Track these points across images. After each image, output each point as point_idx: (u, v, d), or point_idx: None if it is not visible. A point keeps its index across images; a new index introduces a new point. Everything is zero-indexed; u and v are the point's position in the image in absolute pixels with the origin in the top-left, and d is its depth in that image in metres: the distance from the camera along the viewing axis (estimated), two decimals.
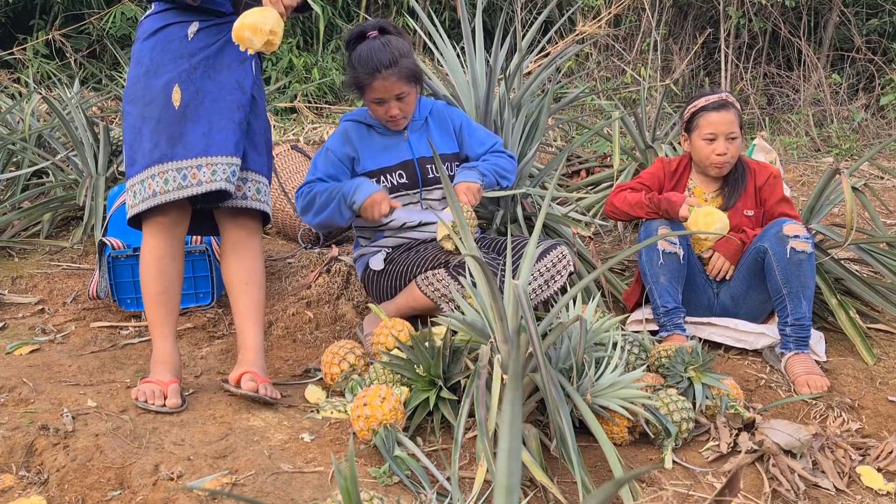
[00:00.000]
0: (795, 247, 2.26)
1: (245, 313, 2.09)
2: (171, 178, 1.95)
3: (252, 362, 2.04)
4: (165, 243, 2.05)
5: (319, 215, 2.37)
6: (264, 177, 2.12)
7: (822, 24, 7.21)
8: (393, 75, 2.27)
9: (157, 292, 2.05)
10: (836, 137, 6.11)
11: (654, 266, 2.38)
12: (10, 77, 6.25)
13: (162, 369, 2.01)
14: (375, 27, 2.33)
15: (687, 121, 2.55)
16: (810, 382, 2.20)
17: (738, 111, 2.50)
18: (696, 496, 1.69)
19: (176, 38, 1.98)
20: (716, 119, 2.46)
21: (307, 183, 2.41)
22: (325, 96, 6.58)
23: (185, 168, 1.95)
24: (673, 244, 2.36)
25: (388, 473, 1.64)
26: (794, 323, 2.31)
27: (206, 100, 1.97)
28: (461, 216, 1.78)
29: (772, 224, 2.37)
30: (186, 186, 1.95)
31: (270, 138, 2.18)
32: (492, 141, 2.55)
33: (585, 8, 6.81)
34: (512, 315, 1.68)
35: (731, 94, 2.54)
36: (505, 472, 0.67)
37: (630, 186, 2.57)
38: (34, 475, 1.65)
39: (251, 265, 2.11)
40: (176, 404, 1.93)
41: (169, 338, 2.06)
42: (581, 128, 5.26)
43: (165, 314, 2.06)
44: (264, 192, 2.12)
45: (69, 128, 3.63)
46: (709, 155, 2.47)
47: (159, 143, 1.95)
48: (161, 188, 1.95)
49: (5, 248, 3.27)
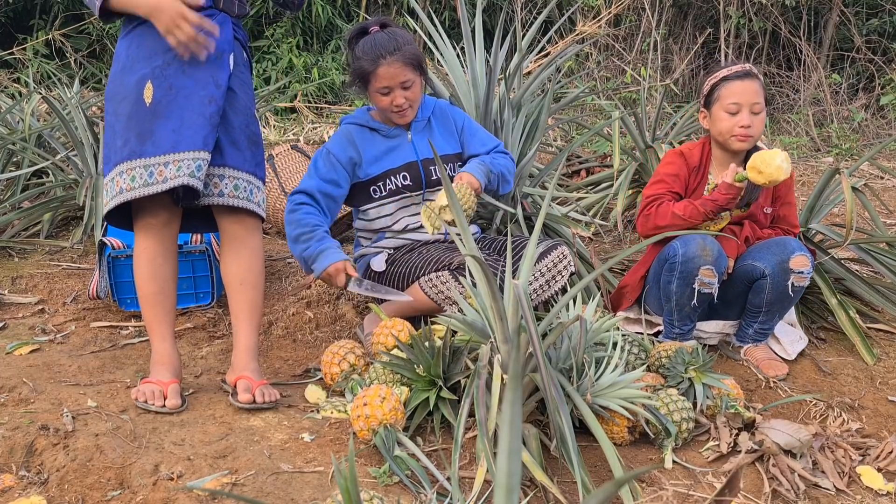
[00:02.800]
0: (795, 282, 2.23)
1: (238, 314, 2.07)
2: (137, 175, 1.93)
3: (244, 365, 2.03)
4: (157, 244, 2.04)
5: (292, 244, 2.31)
6: (246, 173, 2.03)
7: (822, 23, 7.21)
8: (397, 61, 2.26)
9: (153, 293, 2.04)
10: (836, 137, 6.11)
11: (684, 298, 2.26)
12: (10, 77, 6.25)
13: (161, 370, 2.00)
14: (377, 23, 2.34)
15: (707, 94, 2.36)
16: (772, 367, 2.31)
17: (761, 83, 2.32)
18: (696, 496, 1.69)
19: (151, 34, 1.94)
20: (739, 89, 2.28)
21: (301, 192, 2.35)
22: (325, 96, 6.58)
23: (152, 165, 1.92)
24: (711, 285, 2.21)
25: (388, 473, 1.64)
26: (760, 329, 2.37)
27: (179, 96, 1.93)
28: (453, 196, 1.77)
29: (779, 245, 2.26)
30: (152, 184, 1.92)
31: (256, 133, 2.08)
32: (493, 143, 2.53)
33: (585, 8, 6.81)
34: (512, 315, 1.68)
35: (753, 66, 2.38)
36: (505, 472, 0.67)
37: (659, 198, 2.35)
38: (34, 475, 1.65)
39: (247, 264, 2.06)
40: (176, 405, 1.93)
41: (167, 338, 2.05)
42: (581, 128, 5.26)
43: (163, 315, 2.05)
44: (246, 188, 2.02)
45: (69, 128, 3.63)
46: (731, 128, 2.28)
47: (129, 140, 1.94)
48: (128, 185, 1.93)
49: (5, 248, 3.27)
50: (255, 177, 2.06)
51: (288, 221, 2.32)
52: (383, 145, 2.43)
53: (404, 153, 2.43)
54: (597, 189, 3.75)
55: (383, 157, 2.42)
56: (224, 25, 2.01)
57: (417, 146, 2.44)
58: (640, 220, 2.38)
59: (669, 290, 2.28)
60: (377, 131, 2.43)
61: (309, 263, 2.26)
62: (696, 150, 2.42)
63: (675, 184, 2.38)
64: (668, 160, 2.43)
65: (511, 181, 2.52)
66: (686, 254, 2.21)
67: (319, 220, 2.31)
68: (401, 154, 2.43)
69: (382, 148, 2.42)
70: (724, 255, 2.26)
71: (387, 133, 2.43)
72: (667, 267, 2.27)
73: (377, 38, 2.28)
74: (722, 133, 2.32)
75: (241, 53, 2.08)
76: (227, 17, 2.03)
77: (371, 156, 2.41)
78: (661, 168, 2.44)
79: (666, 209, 2.31)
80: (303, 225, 2.29)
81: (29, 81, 5.47)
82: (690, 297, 2.24)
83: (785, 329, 2.45)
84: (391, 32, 2.30)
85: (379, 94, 2.33)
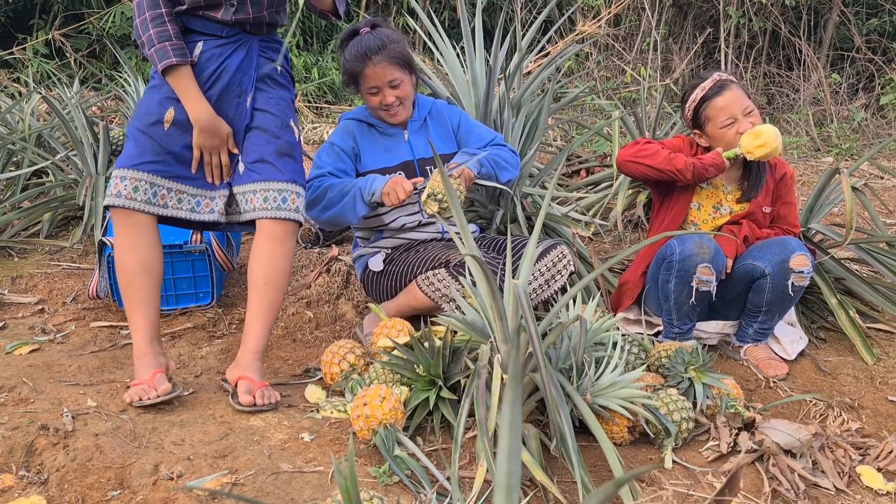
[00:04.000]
0: (796, 282, 2.23)
1: (255, 312, 2.06)
2: (141, 188, 2.01)
3: (247, 366, 2.03)
4: (125, 235, 2.04)
5: (328, 210, 2.30)
6: (278, 182, 2.06)
7: (821, 23, 7.21)
8: (383, 60, 2.27)
9: (123, 285, 2.05)
10: (836, 137, 6.11)
11: (682, 297, 2.26)
12: (10, 77, 6.25)
13: (141, 366, 2.01)
14: (367, 24, 2.35)
15: (692, 118, 2.39)
16: (772, 366, 2.30)
17: (738, 84, 2.34)
18: (696, 496, 1.69)
19: None
20: (724, 102, 2.30)
21: (317, 177, 2.35)
22: (325, 96, 6.58)
23: (157, 185, 2.03)
24: (709, 283, 2.22)
25: (388, 473, 1.64)
26: (760, 329, 2.37)
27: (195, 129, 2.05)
28: (453, 194, 1.77)
29: (779, 245, 2.27)
30: (154, 204, 2.03)
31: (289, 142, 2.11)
32: (491, 136, 2.53)
33: (585, 8, 6.81)
34: (512, 315, 1.68)
35: (722, 73, 2.37)
36: (505, 472, 0.67)
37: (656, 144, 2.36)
38: (34, 475, 1.65)
39: (277, 265, 2.06)
40: (167, 389, 1.92)
41: (140, 331, 2.03)
42: (581, 128, 5.26)
43: (132, 307, 2.04)
44: (276, 198, 2.05)
45: (69, 127, 3.63)
46: (734, 138, 2.30)
47: (144, 151, 2.02)
48: (128, 194, 2.00)
49: (5, 247, 3.27)
50: (290, 183, 2.08)
51: (316, 197, 2.31)
52: (380, 143, 2.43)
53: (401, 152, 2.43)
54: (597, 189, 3.74)
55: (380, 155, 2.42)
56: (250, 54, 2.09)
57: (414, 145, 2.45)
58: (625, 148, 2.38)
59: (668, 289, 2.28)
60: (375, 127, 2.44)
61: (366, 192, 2.25)
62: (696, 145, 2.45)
63: (672, 150, 2.38)
64: (675, 139, 2.46)
65: (512, 170, 2.48)
66: (683, 252, 2.22)
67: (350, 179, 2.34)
68: (397, 153, 2.43)
69: (380, 146, 2.43)
70: (722, 253, 2.26)
71: (384, 130, 2.44)
72: (664, 266, 2.27)
73: (364, 39, 2.30)
74: (729, 145, 2.33)
75: (270, 68, 2.13)
76: (254, 43, 2.10)
77: (368, 151, 2.42)
78: (666, 140, 2.46)
79: (654, 146, 2.33)
80: (338, 184, 2.30)
81: (29, 81, 5.47)
82: (689, 295, 2.24)
83: (785, 329, 2.45)
84: (379, 33, 2.31)
85: (369, 94, 2.35)
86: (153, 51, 1.98)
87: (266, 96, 2.11)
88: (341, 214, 2.30)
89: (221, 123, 2.05)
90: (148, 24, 1.98)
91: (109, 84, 5.77)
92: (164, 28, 1.98)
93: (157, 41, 1.97)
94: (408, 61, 2.33)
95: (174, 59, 1.97)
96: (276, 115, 2.11)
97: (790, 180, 2.45)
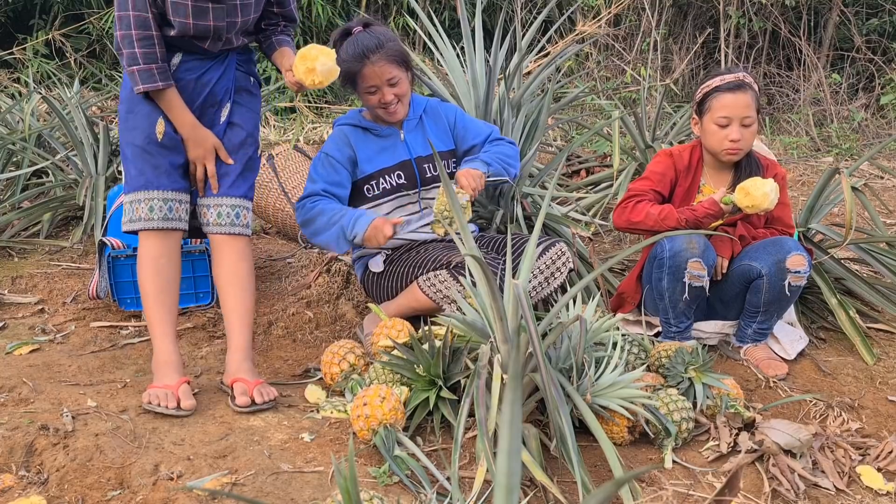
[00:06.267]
0: (792, 282, 2.23)
1: (228, 314, 2.12)
2: (156, 206, 2.08)
3: (237, 367, 2.05)
4: (160, 243, 2.08)
5: (317, 236, 2.32)
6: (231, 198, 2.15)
7: (821, 23, 7.21)
8: (381, 59, 2.27)
9: (156, 292, 2.06)
10: (836, 137, 6.11)
11: (676, 294, 2.27)
12: (10, 77, 6.25)
13: (166, 370, 2.00)
14: (360, 24, 2.34)
15: (699, 102, 2.35)
16: (772, 366, 2.30)
17: (755, 94, 2.29)
18: (696, 496, 1.69)
19: None
20: (730, 102, 2.26)
21: (309, 196, 2.35)
22: (324, 96, 6.58)
23: (170, 200, 2.08)
24: (701, 277, 2.23)
25: (388, 473, 1.64)
26: (759, 329, 2.37)
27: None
28: (454, 198, 1.77)
29: (775, 245, 2.27)
30: (172, 219, 2.08)
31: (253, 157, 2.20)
32: (488, 130, 2.52)
33: (585, 7, 6.81)
34: (512, 315, 1.68)
35: (748, 75, 2.31)
36: (505, 472, 0.67)
37: (640, 195, 2.35)
38: (34, 475, 1.65)
39: (234, 267, 2.13)
40: (191, 405, 1.92)
41: (169, 336, 2.06)
42: (581, 128, 5.26)
43: (164, 313, 2.06)
44: (229, 214, 2.14)
45: (69, 128, 3.63)
46: (721, 140, 2.28)
47: (144, 170, 2.07)
48: (146, 215, 2.07)
49: (5, 248, 3.27)
50: (242, 199, 2.17)
51: (307, 219, 2.32)
52: (377, 145, 2.43)
53: (398, 152, 2.43)
54: (597, 189, 3.75)
55: (376, 156, 2.42)
56: (228, 69, 2.13)
57: (410, 145, 2.45)
58: (617, 210, 2.40)
59: (661, 287, 2.29)
60: (370, 131, 2.43)
61: (348, 234, 2.25)
62: (686, 152, 2.43)
63: (660, 183, 2.39)
64: (658, 159, 2.45)
65: (515, 165, 2.47)
66: (673, 248, 2.24)
67: (340, 205, 2.34)
68: (394, 153, 2.43)
69: (376, 147, 2.43)
70: (712, 247, 2.28)
71: (379, 132, 2.43)
72: (656, 264, 2.29)
73: (360, 38, 2.29)
74: (712, 146, 2.34)
75: (246, 81, 2.19)
76: (232, 58, 2.14)
77: (365, 155, 2.42)
78: (651, 166, 2.45)
79: (643, 207, 2.32)
80: (328, 211, 2.30)
81: (29, 81, 5.47)
82: (682, 291, 2.25)
83: (785, 329, 2.45)
84: (373, 31, 2.31)
85: (367, 93, 2.34)
86: (136, 69, 1.98)
87: (242, 110, 2.18)
88: (328, 244, 2.32)
89: (207, 134, 2.09)
90: (134, 42, 1.96)
91: (109, 84, 5.77)
92: (152, 50, 1.98)
93: (142, 62, 1.97)
94: (405, 59, 2.33)
95: (160, 84, 2.00)
96: (245, 131, 2.18)
97: (782, 181, 2.45)
